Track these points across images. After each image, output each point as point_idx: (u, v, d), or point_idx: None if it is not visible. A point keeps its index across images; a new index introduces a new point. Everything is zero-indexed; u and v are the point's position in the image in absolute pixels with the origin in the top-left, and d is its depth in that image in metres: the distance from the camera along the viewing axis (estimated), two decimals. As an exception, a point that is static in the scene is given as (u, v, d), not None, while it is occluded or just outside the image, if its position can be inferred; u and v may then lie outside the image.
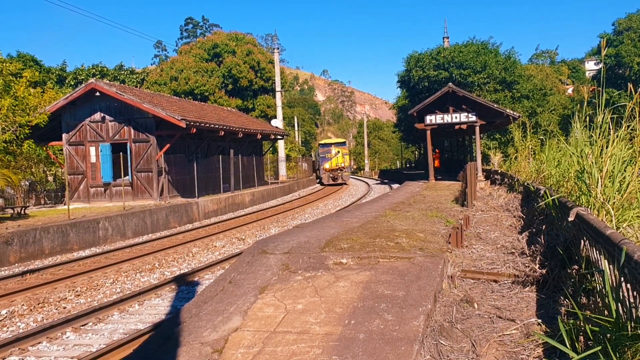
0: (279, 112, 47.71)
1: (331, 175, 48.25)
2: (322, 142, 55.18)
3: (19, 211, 19.99)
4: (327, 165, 48.46)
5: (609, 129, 6.26)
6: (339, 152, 47.91)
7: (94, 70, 51.10)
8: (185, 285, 10.96)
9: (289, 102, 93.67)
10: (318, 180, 53.03)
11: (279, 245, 7.81)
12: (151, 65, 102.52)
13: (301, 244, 7.80)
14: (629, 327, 3.33)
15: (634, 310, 3.34)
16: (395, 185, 36.76)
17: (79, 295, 10.57)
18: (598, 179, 5.96)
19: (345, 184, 48.17)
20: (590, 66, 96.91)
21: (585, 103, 7.04)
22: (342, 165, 48.26)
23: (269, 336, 4.69)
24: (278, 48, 50.10)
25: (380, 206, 14.00)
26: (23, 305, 9.83)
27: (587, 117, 7.11)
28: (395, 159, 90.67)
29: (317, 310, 5.19)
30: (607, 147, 6.09)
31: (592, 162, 6.11)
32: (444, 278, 6.32)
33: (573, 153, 7.26)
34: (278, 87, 48.13)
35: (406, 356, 4.08)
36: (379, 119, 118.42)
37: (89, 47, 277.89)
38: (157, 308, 9.39)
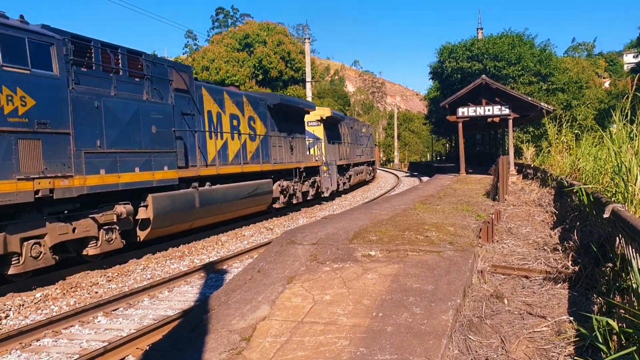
0: (309, 103, 47.45)
1: None
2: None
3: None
4: None
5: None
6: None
7: (128, 59, 51.82)
8: (214, 273, 11.08)
9: (319, 92, 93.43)
10: None
11: (307, 236, 7.81)
12: (182, 54, 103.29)
13: (329, 235, 7.80)
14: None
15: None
16: (425, 178, 36.45)
17: (110, 280, 10.78)
18: (637, 175, 5.79)
19: None
20: (629, 59, 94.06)
21: (630, 96, 6.80)
22: None
23: (297, 326, 4.71)
24: (309, 38, 49.69)
25: (409, 199, 13.90)
26: (57, 289, 10.08)
27: (627, 112, 6.89)
28: (426, 152, 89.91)
29: (345, 302, 5.19)
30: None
31: (631, 158, 5.94)
32: (473, 273, 6.24)
33: (611, 148, 7.05)
34: (308, 78, 47.89)
35: (434, 350, 4.04)
36: (409, 111, 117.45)
37: (123, 35, 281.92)
38: (186, 295, 9.52)
